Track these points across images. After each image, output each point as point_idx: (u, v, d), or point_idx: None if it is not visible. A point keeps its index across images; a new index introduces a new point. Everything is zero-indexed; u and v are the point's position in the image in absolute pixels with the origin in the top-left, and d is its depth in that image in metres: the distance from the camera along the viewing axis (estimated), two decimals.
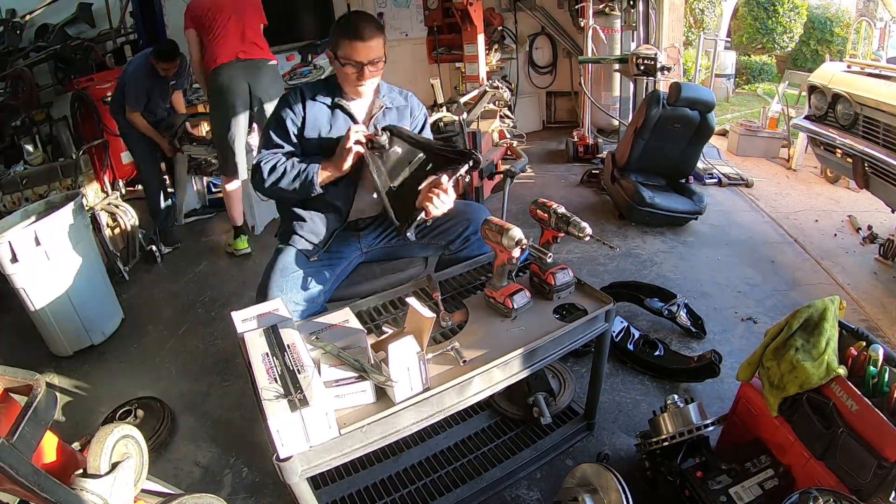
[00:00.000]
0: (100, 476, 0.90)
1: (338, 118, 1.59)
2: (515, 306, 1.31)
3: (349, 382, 1.08)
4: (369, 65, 1.49)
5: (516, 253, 1.29)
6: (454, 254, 1.65)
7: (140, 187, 3.71)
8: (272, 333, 1.19)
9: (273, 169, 1.52)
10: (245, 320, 1.27)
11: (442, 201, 1.40)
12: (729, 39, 7.04)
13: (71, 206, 2.24)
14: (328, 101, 1.58)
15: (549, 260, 1.26)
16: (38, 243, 2.06)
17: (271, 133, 1.59)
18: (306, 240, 1.63)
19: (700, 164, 3.51)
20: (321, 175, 1.50)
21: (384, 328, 1.31)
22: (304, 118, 1.57)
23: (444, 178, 1.41)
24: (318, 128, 1.58)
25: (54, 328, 2.23)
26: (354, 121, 1.60)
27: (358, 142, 1.47)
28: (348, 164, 1.48)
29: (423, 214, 1.41)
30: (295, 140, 1.58)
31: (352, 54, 1.48)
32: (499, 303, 1.34)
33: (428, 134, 1.72)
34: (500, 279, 1.36)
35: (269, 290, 1.49)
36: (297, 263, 1.57)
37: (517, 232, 1.28)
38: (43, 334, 2.27)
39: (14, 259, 2.03)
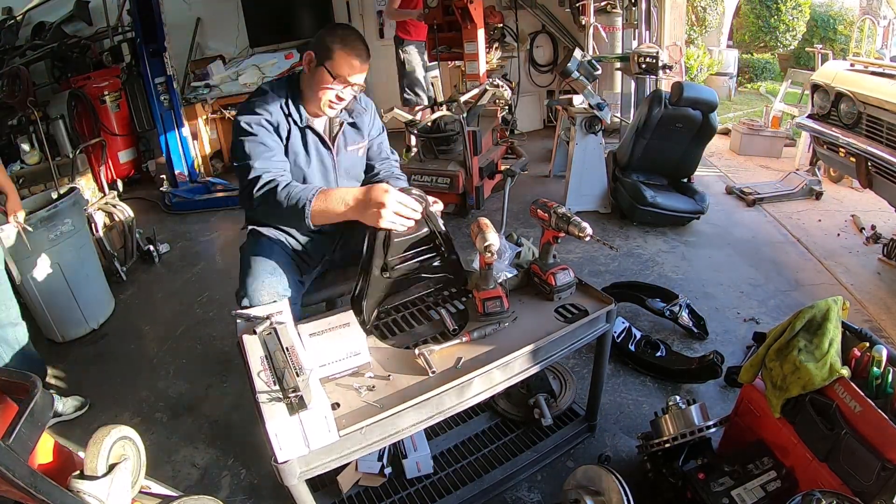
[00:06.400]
0: (97, 478, 0.89)
1: (308, 138, 1.49)
2: (487, 311, 1.30)
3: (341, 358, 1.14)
4: (353, 87, 1.41)
5: (489, 258, 1.28)
6: None
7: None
8: (272, 335, 1.18)
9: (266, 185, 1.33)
10: (245, 321, 1.26)
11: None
12: (731, 39, 7.00)
13: (68, 199, 2.25)
14: (299, 119, 1.45)
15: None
16: (32, 237, 2.05)
17: (247, 147, 1.38)
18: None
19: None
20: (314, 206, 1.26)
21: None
22: (279, 131, 1.43)
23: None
24: (295, 151, 1.47)
25: (48, 320, 2.27)
26: (328, 147, 1.51)
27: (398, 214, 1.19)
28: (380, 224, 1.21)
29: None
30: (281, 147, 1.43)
31: (347, 71, 1.38)
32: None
33: (384, 138, 1.69)
34: (485, 281, 1.34)
35: (247, 293, 1.41)
36: (272, 257, 1.47)
37: (492, 237, 1.24)
38: (40, 321, 2.29)
39: (7, 253, 2.02)
